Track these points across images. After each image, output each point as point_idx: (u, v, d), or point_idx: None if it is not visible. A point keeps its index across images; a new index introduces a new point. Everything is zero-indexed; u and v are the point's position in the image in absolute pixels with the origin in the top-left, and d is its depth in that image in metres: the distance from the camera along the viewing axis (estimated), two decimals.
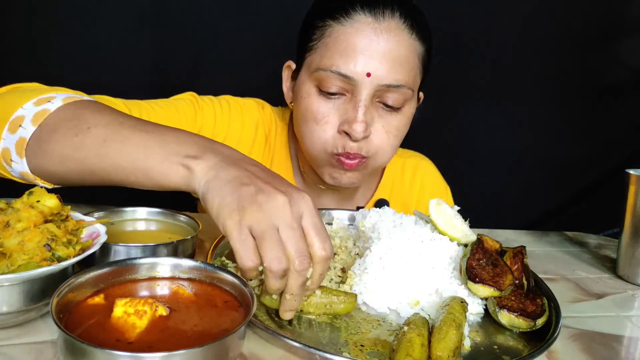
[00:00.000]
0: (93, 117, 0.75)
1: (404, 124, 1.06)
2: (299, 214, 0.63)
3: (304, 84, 1.04)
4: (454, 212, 0.89)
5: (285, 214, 0.62)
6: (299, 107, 1.06)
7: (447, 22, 1.69)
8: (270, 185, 0.64)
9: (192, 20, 1.68)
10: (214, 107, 1.14)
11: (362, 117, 0.98)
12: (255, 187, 0.63)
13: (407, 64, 1.00)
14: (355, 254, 0.91)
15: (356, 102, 0.99)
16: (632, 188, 1.01)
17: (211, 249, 0.88)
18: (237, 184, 0.63)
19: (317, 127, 1.02)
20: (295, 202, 0.63)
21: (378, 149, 1.04)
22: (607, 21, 1.93)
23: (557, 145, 1.99)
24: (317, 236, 0.63)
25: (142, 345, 0.55)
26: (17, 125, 0.76)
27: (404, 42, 0.99)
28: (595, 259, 1.15)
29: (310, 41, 1.04)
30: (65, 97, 0.79)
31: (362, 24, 0.98)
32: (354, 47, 0.97)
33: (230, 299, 0.65)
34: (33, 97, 0.79)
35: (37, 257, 0.61)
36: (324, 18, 1.02)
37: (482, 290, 0.76)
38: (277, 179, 0.67)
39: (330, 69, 0.98)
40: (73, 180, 0.77)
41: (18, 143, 0.76)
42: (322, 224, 0.65)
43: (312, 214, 0.64)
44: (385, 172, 1.29)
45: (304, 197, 0.65)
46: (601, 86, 1.99)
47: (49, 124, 0.75)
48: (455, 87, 1.88)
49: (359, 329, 0.71)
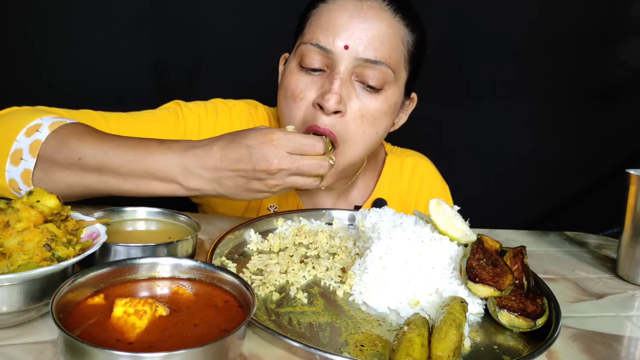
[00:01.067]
0: (78, 146, 0.84)
1: (382, 110, 1.04)
2: (289, 158, 0.80)
3: (289, 64, 1.07)
4: (454, 212, 0.89)
5: (288, 170, 0.81)
6: (281, 88, 1.08)
7: (447, 22, 1.70)
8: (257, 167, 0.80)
9: (192, 19, 1.69)
10: (199, 113, 1.14)
11: (337, 89, 0.98)
12: (257, 181, 0.82)
13: (388, 43, 1.01)
14: (355, 254, 0.91)
15: (333, 75, 0.99)
16: (632, 188, 1.00)
17: (211, 249, 0.88)
18: (244, 186, 0.83)
19: (293, 105, 1.03)
20: (279, 157, 0.80)
21: (349, 134, 1.02)
22: (607, 22, 1.93)
23: (557, 145, 1.99)
24: (307, 149, 0.82)
25: (142, 345, 0.55)
26: (19, 158, 0.84)
27: (386, 22, 1.01)
28: (595, 259, 1.15)
29: (302, 28, 1.06)
30: (50, 124, 0.87)
31: (345, 1, 1.01)
32: (335, 21, 0.99)
33: (230, 299, 0.65)
34: (22, 127, 0.86)
35: (37, 257, 0.61)
36: (316, 3, 1.05)
37: (482, 290, 0.76)
38: (250, 152, 0.80)
39: (310, 42, 1.01)
40: (82, 198, 0.88)
41: (23, 174, 0.85)
42: (296, 139, 0.81)
43: (289, 143, 0.80)
44: (383, 172, 1.29)
45: (274, 143, 0.79)
46: (601, 86, 2.00)
47: (46, 155, 0.84)
48: (455, 88, 1.88)
49: (359, 329, 0.71)
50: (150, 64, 1.70)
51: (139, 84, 1.69)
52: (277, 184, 0.83)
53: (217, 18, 1.70)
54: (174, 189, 0.85)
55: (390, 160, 1.30)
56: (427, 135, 1.70)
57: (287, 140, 0.80)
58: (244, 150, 0.80)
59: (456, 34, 1.80)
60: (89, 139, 0.85)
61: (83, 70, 1.63)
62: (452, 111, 1.90)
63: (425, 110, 1.20)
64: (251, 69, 1.67)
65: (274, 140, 0.79)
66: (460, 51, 1.85)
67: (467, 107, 1.93)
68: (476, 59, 1.89)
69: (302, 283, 0.82)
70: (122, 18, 1.63)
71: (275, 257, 0.88)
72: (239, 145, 0.80)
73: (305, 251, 0.92)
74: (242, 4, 1.71)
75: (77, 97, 1.60)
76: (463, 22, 1.83)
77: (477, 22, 1.84)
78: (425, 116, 1.19)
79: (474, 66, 1.89)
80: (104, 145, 0.85)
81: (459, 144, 1.95)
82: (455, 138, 1.95)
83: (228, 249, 0.91)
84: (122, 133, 1.01)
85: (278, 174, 0.81)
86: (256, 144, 0.80)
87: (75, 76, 1.63)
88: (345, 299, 0.79)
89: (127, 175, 0.84)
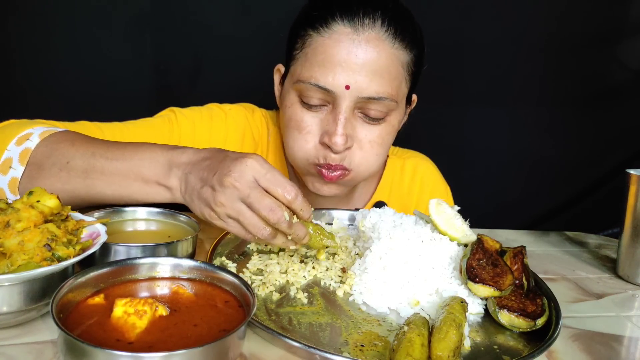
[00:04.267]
0: (68, 150, 0.83)
1: (387, 132, 1.04)
2: (250, 184, 0.73)
3: (288, 93, 1.04)
4: (454, 212, 0.89)
5: (240, 192, 0.72)
6: (283, 115, 1.06)
7: (447, 23, 1.70)
8: (217, 176, 0.74)
9: (193, 21, 1.69)
10: (194, 118, 1.13)
11: (342, 131, 0.97)
12: (210, 189, 0.74)
13: (388, 75, 0.98)
14: (355, 254, 0.91)
15: (336, 114, 0.98)
16: (632, 188, 1.00)
17: (211, 249, 0.88)
18: (198, 191, 0.76)
19: (299, 136, 1.02)
20: (242, 177, 0.73)
21: (362, 160, 1.03)
22: (607, 23, 1.93)
23: (557, 145, 1.99)
24: (275, 187, 0.74)
25: (142, 345, 0.55)
26: (8, 166, 0.84)
27: (385, 53, 0.97)
28: (595, 259, 1.15)
29: (294, 50, 1.03)
30: (41, 132, 0.86)
31: (340, 34, 0.96)
32: (332, 59, 0.95)
33: (230, 299, 0.65)
34: (13, 137, 0.86)
35: (37, 257, 0.61)
36: (305, 27, 1.00)
37: (482, 290, 0.76)
38: (223, 161, 0.75)
39: (309, 82, 0.97)
40: (70, 205, 0.85)
41: (11, 183, 0.84)
42: (274, 173, 0.74)
43: (261, 172, 0.74)
44: (385, 173, 1.29)
45: (247, 165, 0.73)
46: (601, 87, 2.00)
47: (35, 162, 0.83)
48: (456, 88, 1.89)
49: (359, 329, 0.71)
50: (150, 65, 1.70)
51: (139, 85, 1.69)
52: (223, 203, 0.73)
53: (218, 19, 1.70)
54: (155, 190, 0.81)
55: (392, 162, 1.30)
56: (428, 135, 1.70)
57: (261, 167, 0.74)
58: (221, 157, 0.76)
59: (457, 35, 1.80)
60: (80, 143, 0.85)
61: (83, 70, 1.63)
62: (453, 111, 1.90)
63: (425, 110, 1.20)
64: (251, 69, 1.66)
65: (249, 159, 0.73)
66: (461, 52, 1.85)
67: (467, 108, 1.93)
68: (477, 59, 1.89)
69: (302, 283, 0.82)
70: (122, 19, 1.63)
71: (275, 257, 0.88)
72: (221, 154, 0.77)
73: (305, 251, 0.92)
74: (243, 6, 1.71)
75: (77, 98, 1.60)
76: (465, 23, 1.82)
77: (479, 23, 1.84)
78: (426, 116, 1.19)
79: (475, 67, 1.89)
80: (93, 147, 0.84)
81: (459, 144, 1.95)
82: (456, 138, 1.95)
83: (228, 249, 0.91)
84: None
85: (228, 191, 0.72)
86: (233, 155, 0.75)
87: (76, 76, 1.63)
88: (345, 299, 0.79)
89: (111, 176, 0.81)
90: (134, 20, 1.65)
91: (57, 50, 1.62)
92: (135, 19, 1.65)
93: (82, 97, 1.61)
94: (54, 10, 1.58)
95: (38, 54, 1.59)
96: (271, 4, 1.69)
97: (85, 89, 1.62)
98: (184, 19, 1.68)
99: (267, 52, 1.22)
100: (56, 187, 0.81)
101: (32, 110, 1.03)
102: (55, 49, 1.61)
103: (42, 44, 1.59)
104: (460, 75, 1.88)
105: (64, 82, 1.62)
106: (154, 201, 0.83)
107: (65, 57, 1.62)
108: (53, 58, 1.62)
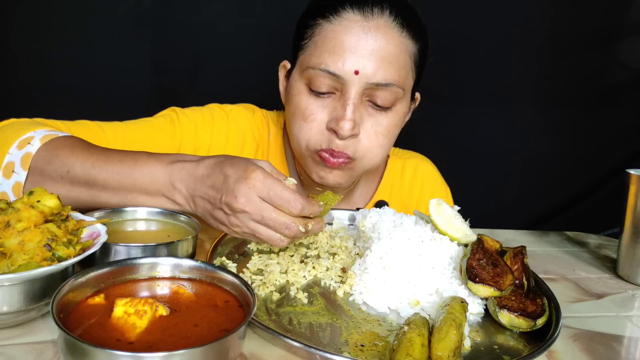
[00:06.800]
0: (68, 159, 0.84)
1: (394, 123, 1.05)
2: (259, 205, 0.75)
3: (295, 82, 1.05)
4: (454, 212, 0.89)
5: (253, 215, 0.75)
6: (290, 105, 1.06)
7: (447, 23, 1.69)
8: (224, 199, 0.76)
9: (193, 21, 1.68)
10: (196, 119, 1.13)
11: (351, 115, 0.98)
12: (221, 212, 0.78)
13: (397, 63, 0.99)
14: (355, 254, 0.91)
15: (345, 100, 0.98)
16: (632, 188, 1.01)
17: (211, 249, 0.88)
18: (210, 212, 0.80)
19: (304, 124, 1.02)
20: (250, 201, 0.75)
21: (366, 150, 1.03)
22: (607, 23, 1.93)
23: (557, 145, 1.99)
24: (282, 203, 0.75)
25: (143, 345, 0.55)
26: (11, 171, 0.84)
27: (394, 40, 0.99)
28: (595, 259, 1.15)
29: (302, 40, 1.04)
30: (42, 136, 0.87)
31: (350, 21, 0.98)
32: (342, 45, 0.97)
33: (230, 299, 0.65)
34: (14, 140, 0.86)
35: (38, 257, 0.62)
36: (315, 17, 1.02)
37: (482, 290, 0.76)
38: (225, 183, 0.76)
39: (319, 67, 0.98)
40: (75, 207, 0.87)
41: (15, 187, 0.85)
42: (276, 190, 0.75)
43: (264, 192, 0.75)
44: (385, 174, 1.29)
45: (250, 187, 0.74)
46: (601, 87, 2.00)
47: (37, 167, 0.84)
48: (456, 88, 1.88)
49: (359, 329, 0.71)
50: (150, 65, 1.70)
51: (139, 84, 1.69)
52: (239, 225, 0.77)
53: (218, 18, 1.70)
54: (162, 202, 0.84)
55: (392, 162, 1.30)
56: (428, 135, 1.70)
57: (263, 185, 0.75)
58: (222, 178, 0.77)
59: (458, 35, 1.80)
60: (79, 151, 0.85)
61: (83, 70, 1.63)
62: (453, 111, 1.90)
63: (426, 110, 1.20)
64: (251, 69, 1.67)
65: (249, 179, 0.74)
66: (461, 52, 1.84)
67: (467, 108, 1.93)
68: (477, 59, 1.89)
69: (302, 283, 0.82)
70: (123, 18, 1.63)
71: (275, 257, 0.88)
72: (220, 172, 0.78)
73: (305, 251, 0.92)
74: (243, 6, 1.71)
75: (77, 97, 1.60)
76: (465, 23, 1.82)
77: (479, 23, 1.84)
78: (426, 116, 1.19)
79: (475, 67, 1.89)
80: (92, 157, 0.84)
81: (460, 144, 1.95)
82: (456, 138, 1.95)
83: (228, 249, 0.91)
84: (119, 142, 1.01)
85: (240, 215, 0.76)
86: (233, 175, 0.76)
87: (76, 76, 1.63)
88: (345, 299, 0.79)
89: (115, 189, 0.84)
90: (134, 20, 1.65)
91: (57, 49, 1.61)
92: (136, 19, 1.65)
93: (82, 97, 1.61)
94: (55, 9, 1.58)
95: (38, 54, 1.59)
96: (271, 4, 1.69)
97: (85, 88, 1.62)
98: (184, 18, 1.68)
99: (267, 52, 1.23)
100: (61, 193, 0.81)
101: (33, 109, 1.03)
102: (56, 49, 1.61)
103: (43, 44, 1.59)
104: (461, 76, 1.88)
105: (64, 81, 1.62)
106: (163, 208, 0.87)
107: (65, 57, 1.62)
108: (53, 57, 1.62)
